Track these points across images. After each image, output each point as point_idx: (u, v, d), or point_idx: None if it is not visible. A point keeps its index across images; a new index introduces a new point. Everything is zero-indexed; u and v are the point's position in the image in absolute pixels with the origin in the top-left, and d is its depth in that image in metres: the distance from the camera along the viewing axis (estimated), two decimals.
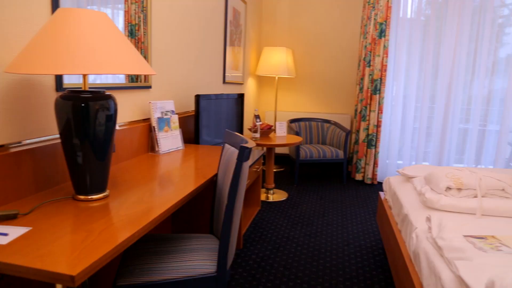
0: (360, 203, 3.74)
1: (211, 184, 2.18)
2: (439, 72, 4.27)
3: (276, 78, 4.78)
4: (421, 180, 2.26)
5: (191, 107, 2.98)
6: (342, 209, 3.54)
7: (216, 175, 1.78)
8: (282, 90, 5.13)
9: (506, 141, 4.18)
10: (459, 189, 1.95)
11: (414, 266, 1.68)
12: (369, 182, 4.43)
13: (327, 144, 4.74)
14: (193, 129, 2.89)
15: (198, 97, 2.54)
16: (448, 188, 1.94)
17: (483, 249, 1.37)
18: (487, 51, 4.14)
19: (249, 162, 2.69)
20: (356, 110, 4.51)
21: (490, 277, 1.09)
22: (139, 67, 1.29)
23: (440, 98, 4.30)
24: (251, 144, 1.36)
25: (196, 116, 2.56)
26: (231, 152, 1.50)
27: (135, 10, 2.06)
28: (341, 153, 4.31)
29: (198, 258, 1.43)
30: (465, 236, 1.47)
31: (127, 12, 1.98)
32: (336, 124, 4.68)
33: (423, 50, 4.31)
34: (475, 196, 1.93)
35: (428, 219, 1.65)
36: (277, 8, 4.96)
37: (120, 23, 1.92)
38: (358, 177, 4.48)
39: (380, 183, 4.51)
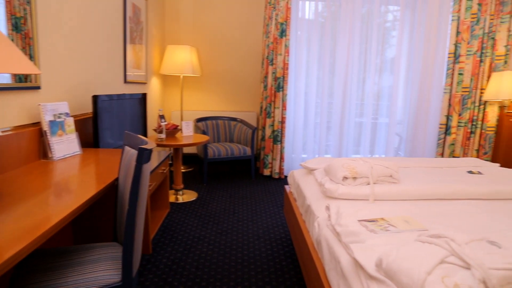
0: (268, 198, 3.85)
1: (113, 189, 2.07)
2: (335, 70, 4.58)
3: (181, 77, 4.71)
4: (321, 171, 2.41)
5: (91, 108, 2.79)
6: (251, 205, 3.62)
7: (117, 179, 1.69)
8: (188, 89, 5.06)
9: (394, 132, 4.64)
10: (355, 178, 2.11)
11: (317, 253, 1.78)
12: (276, 176, 4.59)
13: (234, 142, 4.81)
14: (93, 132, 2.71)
15: (95, 98, 2.39)
16: (345, 178, 2.09)
17: (375, 231, 1.50)
18: (376, 52, 4.55)
19: (155, 163, 2.60)
20: (261, 108, 4.64)
21: (378, 256, 1.20)
22: (15, 65, 1.17)
23: (337, 94, 4.61)
24: (151, 145, 1.32)
25: (94, 118, 2.40)
26: (131, 154, 1.44)
27: (19, 1, 1.86)
28: (248, 150, 4.40)
29: (102, 269, 1.35)
30: (359, 220, 1.59)
31: (8, 3, 1.79)
32: (242, 121, 4.76)
33: (321, 50, 4.58)
34: (368, 183, 2.11)
35: (328, 208, 1.77)
36: (181, 6, 4.88)
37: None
38: (266, 172, 4.62)
39: (287, 177, 4.70)
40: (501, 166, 4.00)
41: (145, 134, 3.41)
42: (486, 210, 1.95)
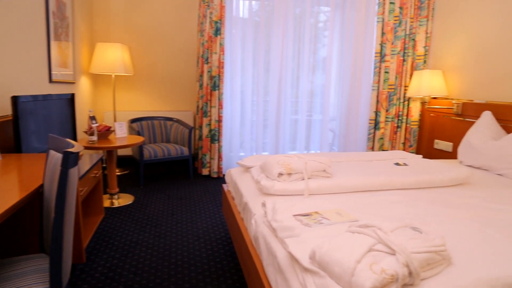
0: (208, 198, 3.83)
1: (38, 197, 1.94)
2: (270, 69, 4.66)
3: (113, 76, 4.52)
4: (257, 169, 2.44)
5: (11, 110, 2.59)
6: (190, 206, 3.57)
7: (42, 185, 1.59)
8: (120, 89, 4.88)
9: (328, 128, 4.82)
10: (290, 174, 2.16)
11: (255, 249, 1.81)
12: (215, 176, 4.58)
13: (171, 142, 4.72)
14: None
15: (15, 99, 2.22)
16: (280, 174, 2.14)
17: (309, 225, 1.55)
18: (309, 51, 4.69)
19: (86, 167, 2.48)
20: (197, 107, 4.59)
21: (312, 248, 1.24)
22: None
23: (272, 92, 4.69)
24: (77, 148, 1.26)
25: (15, 121, 2.23)
26: (56, 158, 1.36)
27: None
28: (186, 150, 4.34)
29: (28, 283, 1.26)
30: (294, 215, 1.64)
31: None
32: (179, 121, 4.68)
33: (256, 49, 4.63)
34: (303, 179, 2.18)
35: (264, 205, 1.79)
36: (110, 2, 4.67)
37: None
38: (205, 172, 4.59)
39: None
40: (423, 157, 4.31)
41: (74, 137, 3.23)
42: (411, 198, 2.09)
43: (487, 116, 3.34)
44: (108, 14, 4.70)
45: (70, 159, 1.20)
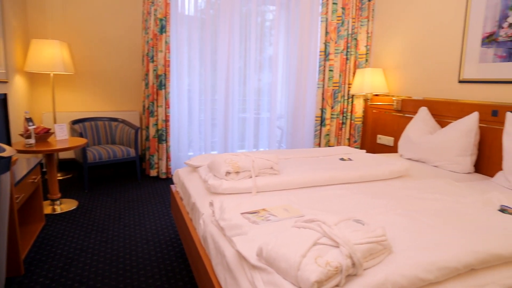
0: (156, 199, 3.75)
1: None
2: (217, 67, 4.63)
3: (51, 75, 4.28)
4: (205, 168, 2.42)
5: None
6: (138, 208, 3.48)
7: None
8: (60, 89, 4.63)
9: (275, 126, 4.89)
10: (237, 172, 2.17)
11: (204, 249, 1.79)
12: (163, 176, 4.49)
13: (117, 144, 4.56)
14: None
15: None
16: (228, 173, 2.14)
17: (256, 222, 1.56)
18: (255, 50, 4.72)
19: (23, 172, 2.34)
20: (144, 106, 4.47)
21: (259, 245, 1.25)
22: None
23: (220, 91, 4.67)
24: (10, 152, 1.18)
25: None
26: None
27: None
28: (132, 151, 4.21)
29: None
30: (242, 213, 1.65)
31: None
32: (124, 122, 4.54)
33: (202, 47, 4.59)
34: (251, 177, 2.19)
35: (211, 204, 1.79)
36: None
37: None
38: (153, 173, 4.49)
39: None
40: (367, 152, 4.50)
41: (9, 140, 3.03)
42: (354, 192, 2.17)
43: (423, 112, 3.54)
44: (43, 9, 4.45)
45: (1, 164, 1.12)
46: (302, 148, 4.89)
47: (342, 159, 2.95)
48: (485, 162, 3.05)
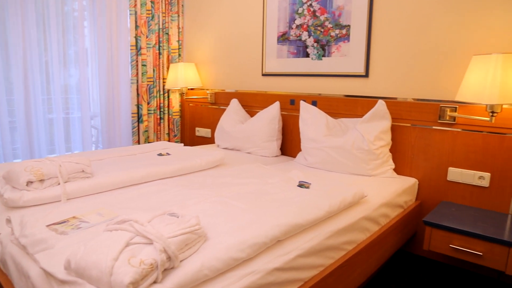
0: None
1: None
2: (11, 64, 4.01)
3: None
4: (1, 180, 2.09)
5: None
6: None
7: None
8: None
9: (89, 126, 4.54)
10: (42, 181, 1.95)
11: (6, 275, 1.56)
12: None
13: None
14: None
15: None
16: (30, 182, 1.89)
17: (65, 233, 1.44)
18: (58, 43, 4.24)
19: None
20: None
21: (66, 257, 1.16)
22: None
23: (18, 90, 4.07)
24: None
25: None
26: None
27: None
28: None
29: None
30: (47, 225, 1.49)
31: None
32: None
33: None
34: (59, 183, 2.00)
35: (9, 221, 1.56)
36: None
37: None
38: None
39: None
40: (185, 145, 4.61)
41: None
42: (173, 186, 2.21)
43: (234, 103, 3.83)
44: None
45: None
46: (120, 147, 4.69)
47: (160, 154, 2.96)
48: (289, 145, 3.51)
